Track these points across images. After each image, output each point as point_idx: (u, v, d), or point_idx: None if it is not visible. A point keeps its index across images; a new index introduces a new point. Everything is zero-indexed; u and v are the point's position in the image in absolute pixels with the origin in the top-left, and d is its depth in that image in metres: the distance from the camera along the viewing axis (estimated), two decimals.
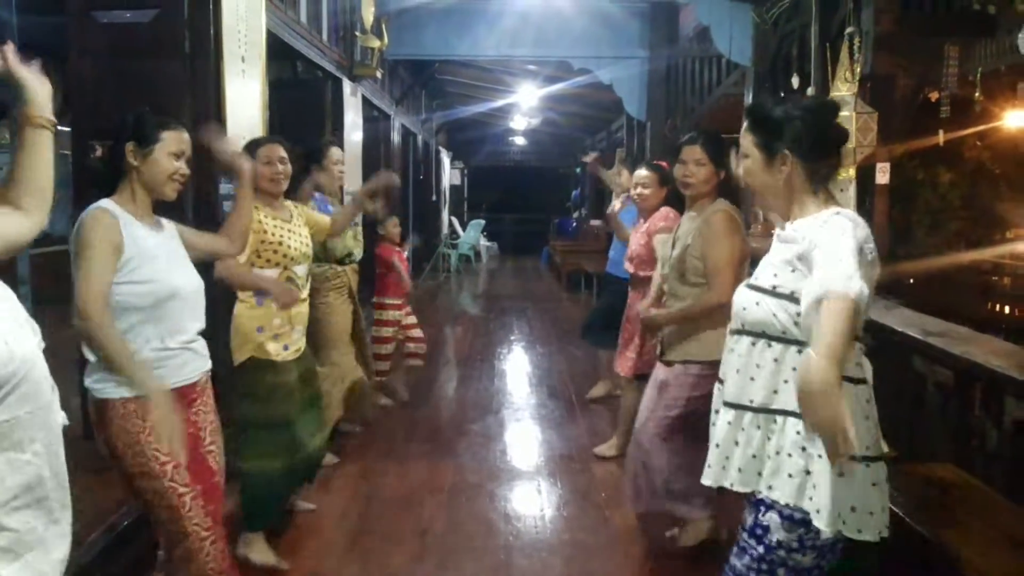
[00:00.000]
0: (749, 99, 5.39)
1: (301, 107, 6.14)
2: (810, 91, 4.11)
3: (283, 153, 3.16)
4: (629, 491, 3.28)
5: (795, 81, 4.39)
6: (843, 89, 3.51)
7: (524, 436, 4.88)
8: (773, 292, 1.77)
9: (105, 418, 2.09)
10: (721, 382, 1.97)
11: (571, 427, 5.03)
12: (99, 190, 2.18)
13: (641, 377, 4.08)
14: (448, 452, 4.54)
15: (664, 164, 3.96)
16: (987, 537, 2.34)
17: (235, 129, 3.85)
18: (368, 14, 6.62)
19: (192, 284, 2.24)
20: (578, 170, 19.89)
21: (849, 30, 3.59)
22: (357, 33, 6.62)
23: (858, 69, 3.50)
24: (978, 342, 2.79)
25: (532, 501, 3.86)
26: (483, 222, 17.01)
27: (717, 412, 1.98)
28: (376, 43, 6.72)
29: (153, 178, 2.15)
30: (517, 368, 6.88)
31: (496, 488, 4.00)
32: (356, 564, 3.18)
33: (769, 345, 1.79)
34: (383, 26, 6.84)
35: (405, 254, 5.51)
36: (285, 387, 3.09)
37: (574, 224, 17.77)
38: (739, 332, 1.88)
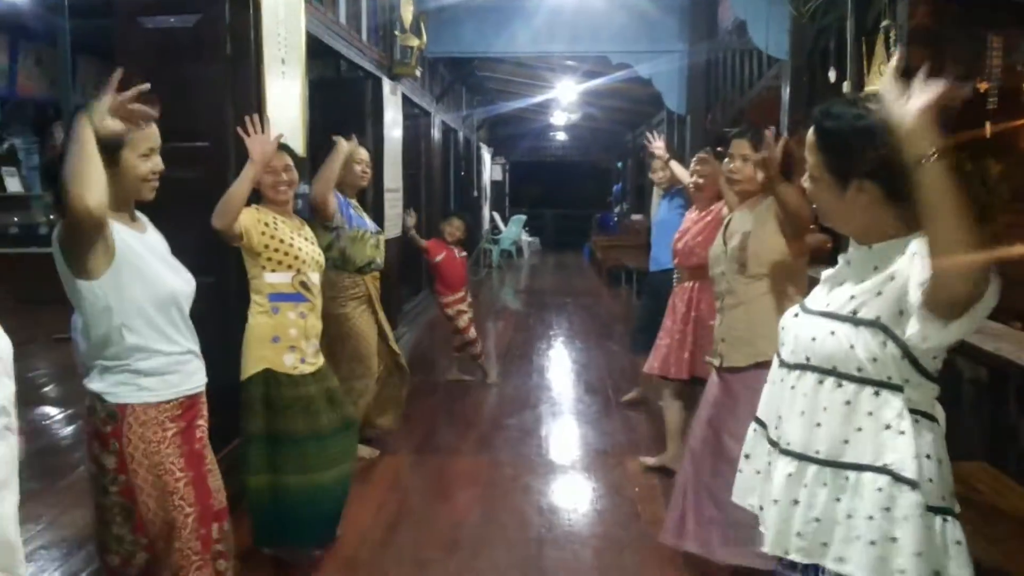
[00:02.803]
0: (786, 93, 5.34)
1: (342, 106, 6.24)
2: (845, 85, 4.07)
3: (288, 161, 3.11)
4: (675, 518, 2.97)
5: (832, 75, 4.35)
6: (878, 83, 3.47)
7: (560, 431, 4.92)
8: (853, 319, 1.50)
9: (122, 424, 1.96)
10: (761, 424, 1.77)
11: (607, 422, 5.05)
12: (58, 194, 1.89)
13: (693, 380, 3.84)
14: (485, 446, 4.61)
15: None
16: (1018, 536, 2.32)
17: (276, 129, 3.94)
18: (407, 13, 6.69)
19: (191, 284, 2.15)
20: (619, 165, 19.82)
21: (885, 23, 3.55)
22: (396, 32, 6.70)
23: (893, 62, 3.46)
24: (1011, 338, 2.75)
25: (566, 495, 3.90)
26: (524, 217, 17.05)
27: (748, 457, 1.81)
28: (415, 42, 6.79)
29: (127, 184, 1.98)
30: (555, 363, 6.92)
31: (531, 481, 4.05)
32: (391, 553, 3.26)
33: (839, 384, 1.53)
34: (422, 25, 6.91)
35: (457, 253, 5.80)
36: (302, 401, 2.99)
37: (615, 219, 17.71)
38: (802, 367, 1.60)
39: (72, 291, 1.95)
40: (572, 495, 3.90)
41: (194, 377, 2.12)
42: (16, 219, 8.57)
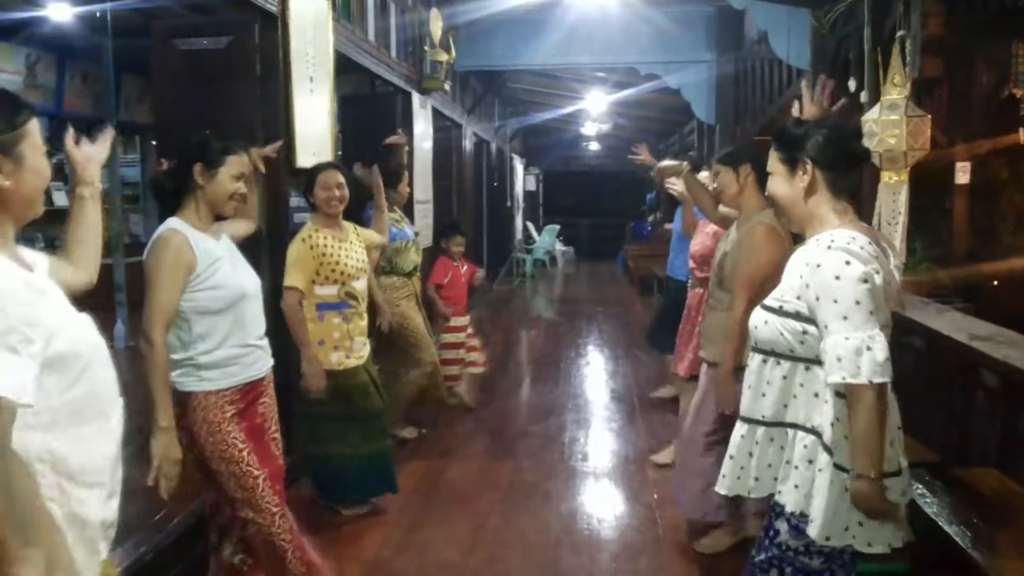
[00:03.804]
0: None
1: (372, 120, 6.38)
2: (863, 95, 4.09)
3: (340, 179, 3.48)
4: (678, 492, 3.41)
5: (852, 84, 4.36)
6: (894, 92, 3.50)
7: (583, 438, 4.98)
8: (780, 312, 1.84)
9: (188, 408, 2.31)
10: None
11: (630, 430, 5.10)
12: (163, 203, 2.42)
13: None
14: (508, 452, 4.69)
15: None
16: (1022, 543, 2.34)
17: (304, 144, 4.11)
18: (436, 28, 6.83)
19: (255, 284, 2.47)
20: (652, 173, 19.78)
21: (900, 33, 3.57)
22: (426, 48, 6.84)
23: (907, 72, 3.48)
24: (1021, 346, 2.75)
25: (585, 500, 3.97)
26: (557, 227, 17.09)
27: None
28: (444, 56, 6.92)
29: (216, 197, 2.36)
30: (583, 371, 6.97)
31: (552, 487, 4.12)
32: (412, 555, 3.36)
33: (778, 363, 1.87)
34: (451, 40, 7.05)
35: (463, 270, 5.48)
36: (347, 389, 3.45)
37: (649, 228, 17.65)
38: (754, 349, 1.96)
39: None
40: (591, 501, 3.96)
41: (254, 367, 2.44)
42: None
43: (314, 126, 4.27)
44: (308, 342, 3.32)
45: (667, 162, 3.96)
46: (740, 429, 1.99)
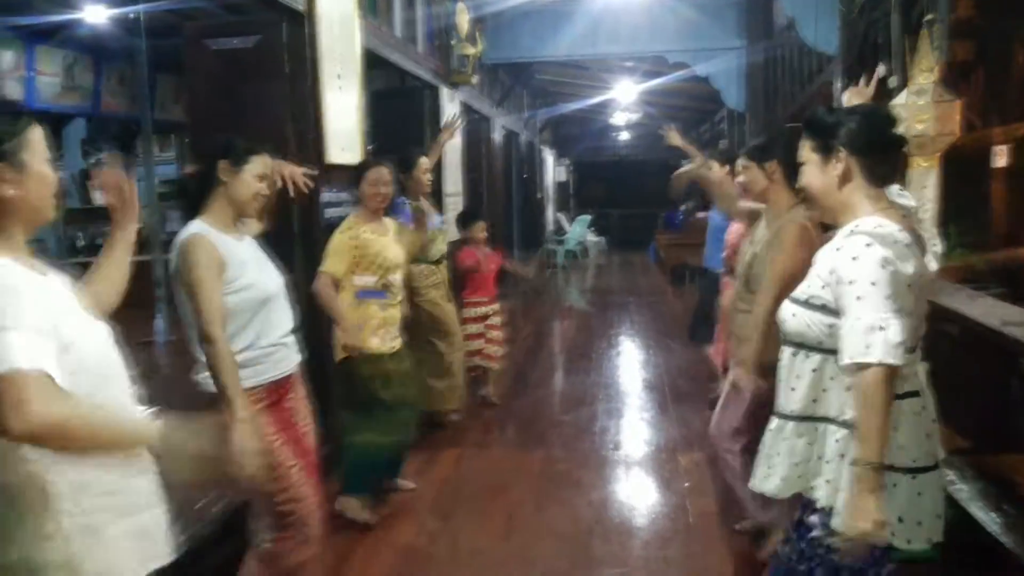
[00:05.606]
0: (838, 87, 5.31)
1: (400, 115, 6.46)
2: (892, 80, 4.04)
3: (388, 178, 3.59)
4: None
5: (880, 70, 4.31)
6: (922, 78, 3.46)
7: (615, 427, 5.00)
8: (807, 304, 1.82)
9: (219, 406, 2.23)
10: None
11: (662, 418, 5.12)
12: (188, 205, 2.39)
13: None
14: (541, 441, 4.73)
15: None
16: None
17: (334, 140, 4.18)
18: (463, 22, 6.87)
19: (280, 284, 2.45)
20: (684, 162, 19.63)
21: (928, 17, 3.53)
22: (453, 42, 6.88)
23: (936, 56, 3.44)
24: None
25: (617, 488, 4.00)
26: (589, 218, 17.07)
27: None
28: (471, 50, 6.96)
29: (239, 195, 2.35)
30: (614, 361, 6.99)
31: (583, 475, 4.15)
32: (446, 541, 3.42)
33: (808, 356, 1.84)
34: (477, 33, 7.08)
35: (489, 253, 5.57)
36: (384, 376, 3.48)
37: (680, 217, 17.54)
38: (784, 342, 1.92)
39: (183, 304, 2.29)
40: (623, 489, 3.99)
41: (281, 364, 2.43)
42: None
43: (344, 122, 4.34)
44: (342, 314, 3.36)
45: (681, 170, 3.95)
46: (771, 424, 1.97)
